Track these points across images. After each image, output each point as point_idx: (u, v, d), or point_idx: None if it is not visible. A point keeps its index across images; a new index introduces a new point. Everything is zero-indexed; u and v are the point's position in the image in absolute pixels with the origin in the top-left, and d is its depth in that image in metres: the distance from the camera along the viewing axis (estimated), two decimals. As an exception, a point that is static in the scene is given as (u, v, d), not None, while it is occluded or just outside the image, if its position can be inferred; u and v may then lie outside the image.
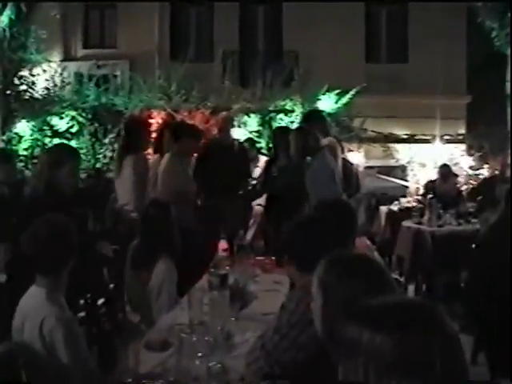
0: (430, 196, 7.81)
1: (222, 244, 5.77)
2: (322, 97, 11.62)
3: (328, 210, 3.27)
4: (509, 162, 9.65)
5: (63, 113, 11.62)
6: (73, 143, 11.48)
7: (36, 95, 11.85)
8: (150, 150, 6.49)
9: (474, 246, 5.78)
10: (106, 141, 11.54)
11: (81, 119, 11.60)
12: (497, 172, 10.23)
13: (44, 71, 12.03)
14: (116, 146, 11.46)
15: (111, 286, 4.46)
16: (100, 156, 11.56)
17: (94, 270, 4.06)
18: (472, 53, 14.63)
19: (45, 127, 11.64)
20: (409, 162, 14.21)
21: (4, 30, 11.33)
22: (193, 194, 5.80)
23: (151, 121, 11.34)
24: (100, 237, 4.02)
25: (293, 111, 11.47)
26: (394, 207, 9.24)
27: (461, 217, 7.51)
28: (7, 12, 11.26)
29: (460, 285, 6.14)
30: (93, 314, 3.00)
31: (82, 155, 11.37)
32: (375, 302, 1.35)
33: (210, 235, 5.73)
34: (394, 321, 1.26)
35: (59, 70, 12.25)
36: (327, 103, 11.60)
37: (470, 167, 13.07)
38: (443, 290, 6.81)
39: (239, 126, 11.02)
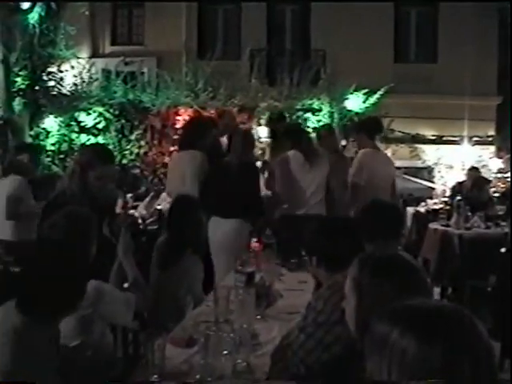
0: (458, 198, 7.71)
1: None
2: (349, 96, 11.57)
3: (368, 210, 3.28)
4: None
5: (90, 109, 11.71)
6: (99, 139, 11.58)
7: (64, 91, 11.95)
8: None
9: (502, 249, 5.70)
10: (133, 137, 11.61)
11: (108, 115, 11.68)
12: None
13: (72, 67, 12.14)
14: (142, 142, 11.62)
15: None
16: (126, 152, 11.63)
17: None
18: (503, 53, 14.44)
19: (72, 123, 11.75)
20: (436, 164, 14.09)
21: (34, 27, 11.44)
22: None
23: (178, 118, 11.43)
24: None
25: (320, 110, 11.44)
26: (421, 209, 9.15)
27: (489, 220, 7.40)
28: (37, 9, 11.38)
29: (487, 289, 6.06)
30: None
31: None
32: (410, 303, 1.34)
33: None
34: (425, 323, 1.25)
35: (87, 67, 12.36)
36: (355, 103, 11.55)
37: (499, 170, 12.90)
38: (470, 294, 6.71)
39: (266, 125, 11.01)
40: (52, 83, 11.87)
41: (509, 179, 11.98)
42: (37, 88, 11.65)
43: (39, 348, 2.17)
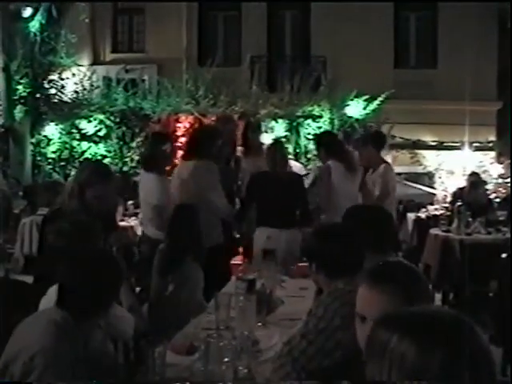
0: (459, 203, 7.70)
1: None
2: (350, 102, 11.58)
3: (360, 215, 3.26)
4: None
5: (91, 116, 11.74)
6: (100, 146, 11.60)
7: (65, 99, 12.00)
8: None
9: (503, 255, 5.69)
10: (134, 144, 11.64)
11: (109, 123, 11.71)
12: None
13: (73, 75, 12.19)
14: (143, 149, 11.62)
15: (137, 289, 4.48)
16: (127, 159, 11.65)
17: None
18: (503, 58, 14.44)
19: (73, 130, 11.78)
20: (436, 169, 14.10)
21: (35, 35, 11.49)
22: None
23: (179, 125, 11.44)
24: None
25: (321, 117, 11.45)
26: (422, 214, 9.15)
27: (490, 225, 7.39)
28: (38, 17, 11.43)
29: (488, 295, 6.05)
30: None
31: (109, 158, 11.53)
32: (409, 309, 1.36)
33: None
34: (424, 329, 1.25)
35: (88, 74, 12.40)
36: (355, 109, 11.56)
37: (500, 175, 12.90)
38: (471, 299, 6.70)
39: (266, 132, 11.03)
40: (53, 91, 11.92)
41: (509, 184, 11.98)
42: (38, 96, 11.70)
43: (74, 344, 2.34)
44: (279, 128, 11.42)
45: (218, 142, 5.47)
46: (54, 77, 11.95)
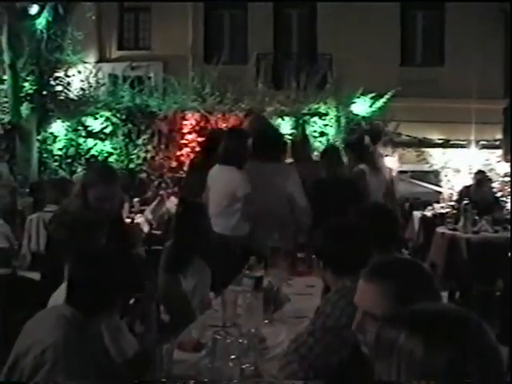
0: (465, 202, 7.68)
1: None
2: (356, 100, 11.57)
3: (366, 214, 3.26)
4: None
5: (98, 113, 11.77)
6: (106, 144, 11.62)
7: (71, 96, 12.03)
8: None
9: (510, 253, 5.68)
10: (140, 142, 11.66)
11: (115, 120, 11.73)
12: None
13: (79, 72, 12.23)
14: (149, 147, 11.65)
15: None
16: (133, 157, 11.67)
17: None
18: (509, 56, 14.38)
19: (79, 127, 11.81)
20: (443, 167, 14.05)
21: (41, 32, 11.51)
22: None
23: (185, 122, 11.45)
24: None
25: (327, 114, 11.45)
26: (428, 213, 9.13)
27: (497, 223, 7.36)
28: (44, 14, 11.45)
29: (495, 293, 6.04)
30: (126, 314, 3.01)
31: (115, 156, 11.56)
32: (417, 307, 1.36)
33: None
34: (431, 326, 1.25)
35: (94, 71, 12.43)
36: (361, 107, 11.55)
37: (506, 173, 12.84)
38: (478, 298, 6.68)
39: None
40: (59, 88, 11.95)
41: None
42: (44, 93, 11.73)
43: (82, 340, 2.35)
44: (285, 126, 11.42)
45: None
46: (61, 74, 11.98)
